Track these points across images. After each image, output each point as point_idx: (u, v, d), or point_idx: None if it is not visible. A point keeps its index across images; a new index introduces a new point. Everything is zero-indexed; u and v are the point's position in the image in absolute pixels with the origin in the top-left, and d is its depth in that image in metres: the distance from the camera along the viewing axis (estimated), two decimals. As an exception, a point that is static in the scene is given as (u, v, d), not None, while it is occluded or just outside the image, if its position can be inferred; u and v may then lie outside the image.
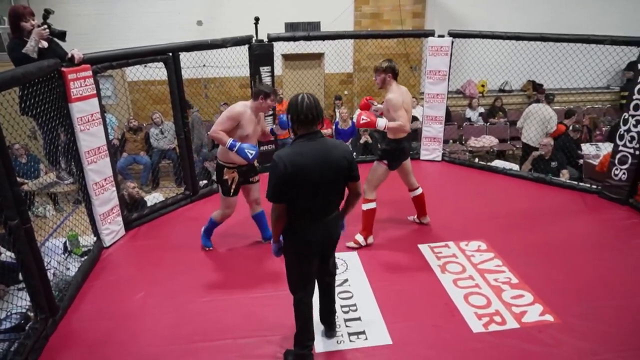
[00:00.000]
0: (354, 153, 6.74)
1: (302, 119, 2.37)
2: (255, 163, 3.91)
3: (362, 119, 3.70)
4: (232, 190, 3.73)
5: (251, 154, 3.41)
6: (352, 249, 3.97)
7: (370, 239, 4.06)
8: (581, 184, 5.29)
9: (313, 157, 2.34)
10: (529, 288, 3.43)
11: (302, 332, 2.73)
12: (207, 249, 4.06)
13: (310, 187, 2.36)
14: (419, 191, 4.23)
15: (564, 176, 5.60)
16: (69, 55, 3.60)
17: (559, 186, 5.27)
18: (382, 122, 3.70)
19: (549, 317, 3.12)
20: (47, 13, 3.42)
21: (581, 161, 6.21)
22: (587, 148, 6.58)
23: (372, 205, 3.98)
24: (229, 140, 3.41)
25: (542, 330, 3.00)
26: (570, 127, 6.47)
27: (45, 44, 3.47)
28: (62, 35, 3.53)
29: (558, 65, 6.14)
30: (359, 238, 4.02)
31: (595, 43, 4.91)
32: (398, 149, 3.87)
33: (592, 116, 8.22)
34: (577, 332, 2.97)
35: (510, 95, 9.10)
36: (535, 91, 8.57)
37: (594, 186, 5.12)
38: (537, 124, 6.35)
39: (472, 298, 3.35)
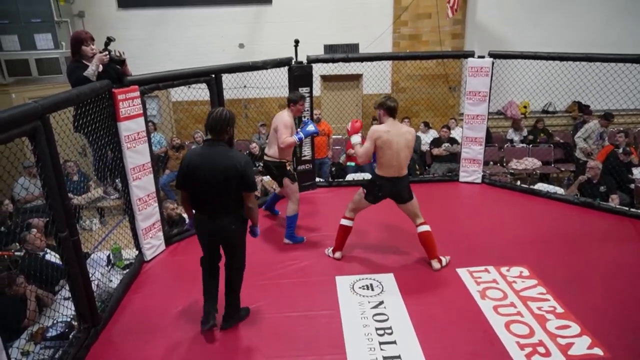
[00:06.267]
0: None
1: (207, 128, 2.87)
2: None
3: (349, 126, 3.98)
4: (295, 176, 4.48)
5: (314, 127, 4.38)
6: (387, 271, 3.92)
7: (338, 254, 4.13)
8: (632, 209, 5.00)
9: (205, 161, 2.83)
10: (575, 318, 3.25)
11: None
12: (303, 242, 4.49)
13: (199, 185, 2.86)
14: (422, 228, 3.91)
15: (614, 201, 5.32)
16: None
17: (607, 211, 5.02)
18: (354, 139, 3.89)
19: (597, 351, 2.94)
20: (109, 40, 3.69)
21: (633, 185, 5.90)
22: (639, 172, 6.26)
23: (345, 222, 4.05)
24: (295, 137, 4.26)
25: (590, 364, 2.83)
26: (621, 150, 6.19)
27: (101, 68, 3.68)
28: (121, 62, 3.76)
29: (605, 85, 5.92)
30: (329, 249, 4.22)
31: (646, 63, 4.72)
32: (373, 184, 3.83)
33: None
34: (629, 368, 2.79)
35: (554, 116, 8.82)
36: (582, 112, 8.27)
37: (647, 212, 4.84)
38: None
39: (514, 326, 3.21)
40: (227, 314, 3.25)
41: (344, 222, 4.06)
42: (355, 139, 3.88)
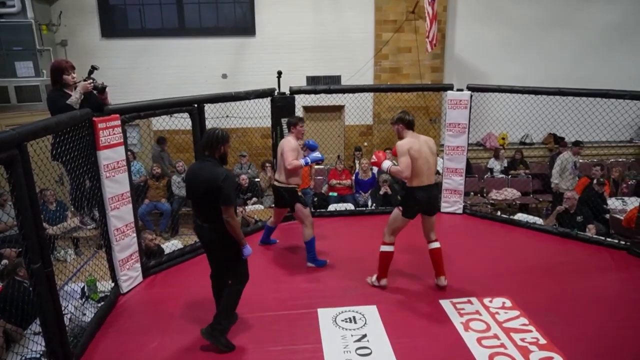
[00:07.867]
0: (373, 204, 6.73)
1: (202, 144, 3.23)
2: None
3: (372, 158, 4.06)
4: (307, 202, 4.65)
5: (320, 154, 4.59)
6: (370, 303, 3.87)
7: (383, 282, 4.09)
8: (609, 239, 5.10)
9: (193, 173, 3.19)
10: (557, 350, 3.24)
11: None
12: (326, 265, 4.54)
13: (190, 195, 3.26)
14: (434, 245, 4.08)
15: (591, 231, 5.43)
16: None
17: (585, 241, 5.10)
18: (385, 164, 3.93)
19: (581, 383, 2.93)
20: (93, 69, 3.72)
21: (608, 216, 6.04)
22: (612, 202, 6.42)
23: (386, 248, 4.02)
24: (302, 160, 4.41)
25: (574, 397, 2.81)
26: (595, 181, 6.36)
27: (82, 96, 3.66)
28: (102, 90, 3.76)
29: (579, 118, 6.14)
30: (372, 277, 4.14)
31: (615, 98, 4.91)
32: (410, 197, 3.87)
33: (618, 169, 8.08)
34: (613, 401, 2.77)
35: (531, 148, 9.06)
36: (557, 144, 8.52)
37: (623, 242, 4.93)
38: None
39: (498, 359, 3.17)
40: (211, 326, 3.31)
41: (385, 248, 4.01)
42: (387, 163, 3.94)
